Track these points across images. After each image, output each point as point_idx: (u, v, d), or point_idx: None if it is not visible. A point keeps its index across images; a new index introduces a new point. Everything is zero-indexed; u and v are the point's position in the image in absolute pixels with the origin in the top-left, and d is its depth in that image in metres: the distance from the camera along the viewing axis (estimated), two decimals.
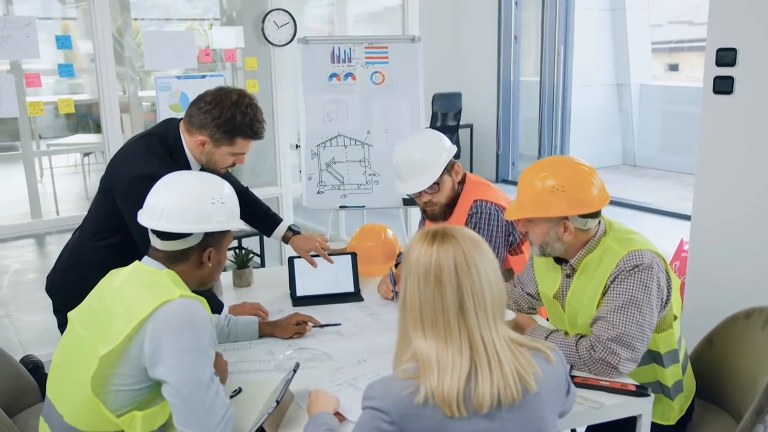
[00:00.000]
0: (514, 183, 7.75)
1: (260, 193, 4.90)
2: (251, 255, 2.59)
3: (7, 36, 3.15)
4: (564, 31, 7.77)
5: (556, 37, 7.29)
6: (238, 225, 1.69)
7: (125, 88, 6.51)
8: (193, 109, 2.00)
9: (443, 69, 7.98)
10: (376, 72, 3.88)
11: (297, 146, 3.98)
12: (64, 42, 3.33)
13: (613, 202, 6.62)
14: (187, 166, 2.06)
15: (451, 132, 7.44)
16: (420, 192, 2.31)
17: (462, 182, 2.38)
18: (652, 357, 1.89)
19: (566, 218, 1.81)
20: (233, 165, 2.11)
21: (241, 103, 1.98)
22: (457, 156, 7.53)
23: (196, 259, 1.62)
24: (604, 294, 1.82)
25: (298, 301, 2.37)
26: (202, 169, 2.10)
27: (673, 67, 9.46)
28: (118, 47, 5.85)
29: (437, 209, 2.35)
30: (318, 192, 3.90)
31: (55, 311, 2.15)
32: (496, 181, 7.92)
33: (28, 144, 5.86)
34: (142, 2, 6.96)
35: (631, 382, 1.74)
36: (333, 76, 3.87)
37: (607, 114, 8.60)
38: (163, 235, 1.59)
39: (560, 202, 1.79)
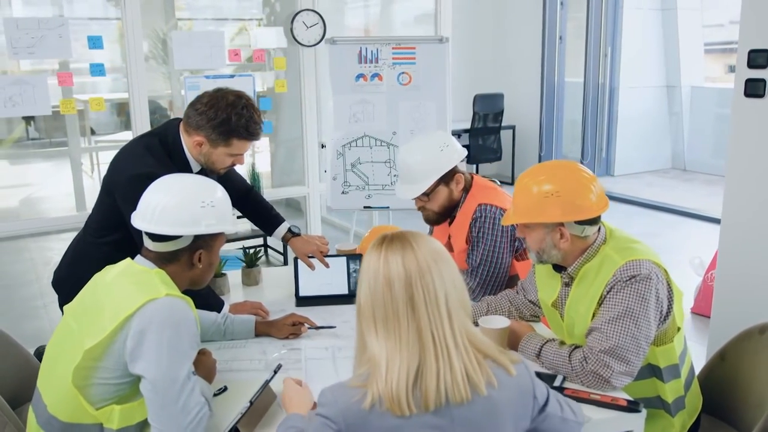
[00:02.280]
0: None
1: (289, 192, 4.98)
2: (261, 254, 2.60)
3: (42, 37, 3.26)
4: (612, 31, 7.59)
5: (601, 37, 7.11)
6: (230, 228, 1.69)
7: (172, 86, 6.69)
8: (190, 110, 2.03)
9: (486, 69, 7.91)
10: (402, 73, 3.86)
11: (323, 146, 4.00)
12: (96, 42, 3.42)
13: (658, 208, 6.52)
14: (186, 166, 2.08)
15: (493, 133, 7.36)
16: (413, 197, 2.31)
17: (468, 188, 2.34)
18: (652, 371, 1.81)
19: (562, 224, 1.76)
20: (233, 165, 2.13)
21: (237, 104, 1.99)
22: (498, 157, 7.37)
23: (187, 260, 1.64)
24: (600, 304, 1.76)
25: (301, 301, 2.37)
26: (202, 170, 2.13)
27: (733, 68, 9.11)
28: (172, 46, 6.01)
29: (430, 215, 2.36)
30: (343, 192, 3.91)
31: (60, 305, 2.20)
32: None
33: (75, 140, 6.07)
34: (193, 3, 7.15)
35: (622, 396, 1.67)
36: (360, 76, 3.87)
37: (656, 117, 8.35)
38: (154, 237, 1.61)
39: (555, 208, 1.74)
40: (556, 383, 1.73)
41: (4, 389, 2.01)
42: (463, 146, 7.64)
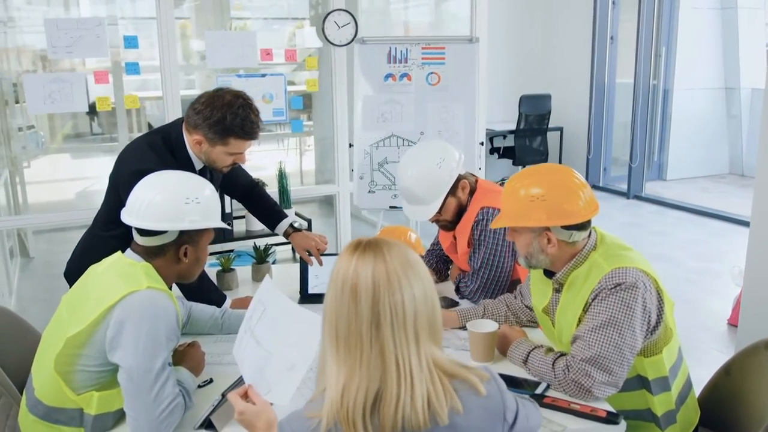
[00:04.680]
0: (605, 189, 7.45)
1: (319, 190, 5.02)
2: (271, 251, 2.64)
3: (79, 37, 3.39)
4: (667, 31, 7.35)
5: (653, 37, 6.89)
6: (215, 225, 1.72)
7: (217, 84, 6.88)
8: (189, 109, 2.08)
9: (533, 70, 7.80)
10: (432, 73, 3.85)
11: (350, 145, 4.03)
12: (131, 42, 3.54)
13: (709, 214, 6.27)
14: (189, 164, 2.14)
15: (540, 134, 7.24)
16: None
17: (472, 191, 2.32)
18: (641, 383, 1.76)
19: (549, 229, 1.73)
20: (234, 164, 2.16)
21: (234, 104, 2.03)
22: (544, 159, 7.25)
23: (173, 255, 1.69)
24: (586, 311, 1.72)
25: (306, 298, 2.40)
26: (205, 167, 2.18)
27: None
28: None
29: (446, 224, 2.36)
30: (369, 191, 3.93)
31: None
32: None
33: (124, 135, 6.29)
34: (247, 3, 7.33)
35: (603, 407, 1.63)
36: (389, 76, 3.88)
37: (712, 119, 8.04)
38: (142, 231, 1.67)
39: (540, 212, 1.71)
40: (539, 390, 1.70)
41: (18, 374, 2.10)
42: (508, 148, 7.55)
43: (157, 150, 2.09)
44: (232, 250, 3.80)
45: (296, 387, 1.41)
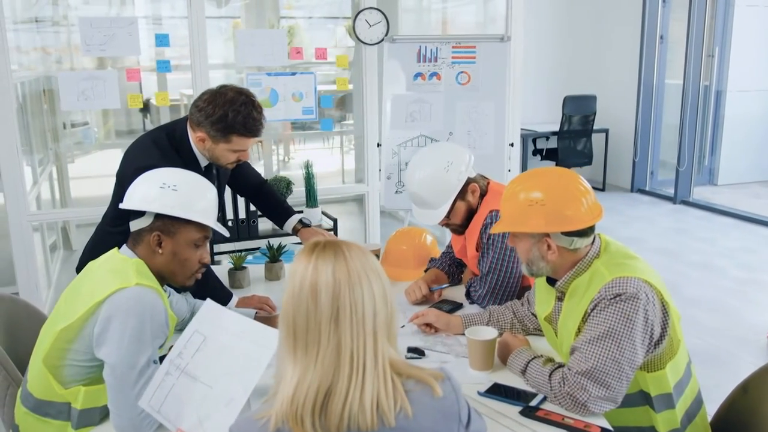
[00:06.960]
0: (651, 193, 7.20)
1: (350, 189, 5.01)
2: (285, 249, 2.64)
3: (113, 35, 3.45)
4: (721, 30, 7.08)
5: (705, 36, 6.63)
6: (191, 217, 1.66)
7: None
8: (192, 107, 2.08)
9: (579, 70, 7.62)
10: (461, 72, 3.79)
11: (378, 145, 3.99)
12: (162, 40, 3.60)
13: (760, 221, 5.99)
14: (194, 161, 2.14)
15: (584, 136, 7.07)
16: None
17: (483, 194, 2.26)
18: (644, 398, 1.68)
19: (548, 235, 1.66)
20: (238, 161, 2.16)
21: (236, 101, 2.02)
22: (589, 162, 7.06)
23: (148, 243, 1.66)
24: (585, 321, 1.65)
25: None
26: (210, 165, 2.18)
27: None
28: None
29: (456, 228, 2.31)
30: (396, 191, 3.89)
31: None
32: (631, 190, 7.38)
33: None
34: (295, 2, 7.41)
35: (598, 423, 1.55)
36: (418, 75, 3.83)
37: None
38: (130, 218, 1.69)
39: (538, 217, 1.64)
40: (533, 403, 1.64)
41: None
42: (551, 149, 7.42)
43: (161, 147, 2.10)
44: (258, 248, 3.82)
45: (232, 421, 1.28)
